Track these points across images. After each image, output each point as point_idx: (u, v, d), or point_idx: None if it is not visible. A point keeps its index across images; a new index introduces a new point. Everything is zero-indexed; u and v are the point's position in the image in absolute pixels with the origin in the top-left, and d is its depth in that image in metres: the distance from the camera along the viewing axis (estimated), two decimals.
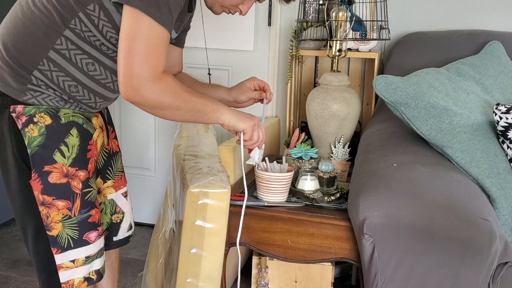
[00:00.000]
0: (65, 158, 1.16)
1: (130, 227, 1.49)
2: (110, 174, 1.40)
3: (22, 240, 2.54)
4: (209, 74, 2.19)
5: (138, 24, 1.05)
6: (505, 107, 1.42)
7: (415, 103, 1.43)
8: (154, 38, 1.07)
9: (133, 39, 1.05)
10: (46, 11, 1.11)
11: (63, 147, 1.15)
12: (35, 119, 1.13)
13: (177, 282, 1.34)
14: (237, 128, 1.30)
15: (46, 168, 1.14)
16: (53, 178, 1.15)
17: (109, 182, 1.40)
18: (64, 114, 1.17)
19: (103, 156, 1.35)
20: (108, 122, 1.37)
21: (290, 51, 2.22)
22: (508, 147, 1.44)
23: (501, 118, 1.43)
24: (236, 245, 1.52)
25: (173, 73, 1.46)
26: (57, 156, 1.15)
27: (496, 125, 1.45)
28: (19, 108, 1.12)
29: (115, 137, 1.43)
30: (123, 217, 1.45)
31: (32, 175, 1.14)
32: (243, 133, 1.31)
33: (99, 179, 1.37)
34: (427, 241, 1.12)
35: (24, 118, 1.12)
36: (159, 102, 1.12)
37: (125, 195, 1.46)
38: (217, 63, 2.47)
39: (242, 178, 1.79)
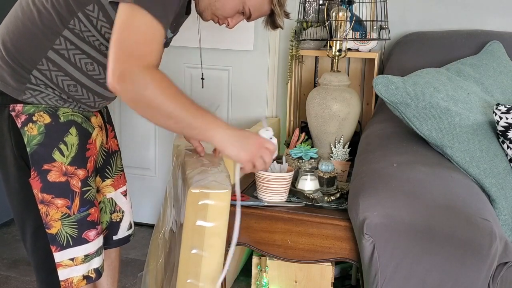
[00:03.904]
0: (64, 156, 1.16)
1: (130, 226, 1.50)
2: (109, 173, 1.40)
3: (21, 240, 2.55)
4: (202, 78, 2.18)
5: (132, 17, 1.03)
6: (505, 107, 1.42)
7: (415, 103, 1.43)
8: (147, 30, 1.04)
9: (125, 29, 1.04)
10: (45, 11, 1.11)
11: (62, 146, 1.16)
12: (34, 118, 1.13)
13: (177, 283, 1.34)
14: (230, 158, 1.19)
15: (46, 166, 1.15)
16: (52, 177, 1.15)
17: (108, 181, 1.40)
18: (63, 113, 1.17)
19: (102, 155, 1.36)
20: (107, 121, 1.38)
21: (290, 51, 2.22)
22: (508, 147, 1.44)
23: (501, 118, 1.43)
24: (236, 245, 1.52)
25: None
26: (56, 155, 1.15)
27: (496, 125, 1.45)
28: (19, 107, 1.13)
29: (114, 136, 1.43)
30: (122, 216, 1.46)
31: (32, 174, 1.14)
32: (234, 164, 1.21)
33: (98, 178, 1.37)
34: (427, 241, 1.12)
35: (23, 117, 1.13)
36: (140, 94, 1.04)
37: (124, 194, 1.46)
38: (217, 63, 2.47)
39: (241, 178, 1.79)
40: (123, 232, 1.47)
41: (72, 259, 1.20)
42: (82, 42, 1.14)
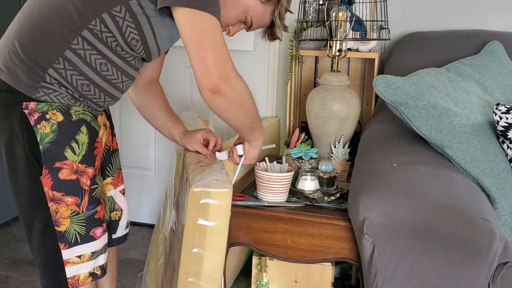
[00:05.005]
0: (75, 155, 1.18)
1: (127, 225, 1.51)
2: (110, 171, 1.41)
3: (22, 240, 2.55)
4: None
5: (201, 20, 1.11)
6: (505, 107, 1.42)
7: (415, 103, 1.43)
8: (218, 31, 1.13)
9: (205, 31, 1.11)
10: (65, 10, 1.13)
11: (73, 144, 1.17)
12: (47, 116, 1.14)
13: (178, 282, 1.34)
14: (249, 155, 1.42)
15: (57, 164, 1.16)
16: (64, 175, 1.16)
17: (109, 179, 1.41)
18: (75, 111, 1.18)
19: (104, 154, 1.37)
20: (109, 120, 1.39)
21: (290, 51, 2.22)
22: (508, 147, 1.44)
23: (501, 118, 1.43)
24: (235, 245, 1.52)
25: (152, 78, 1.52)
26: (68, 153, 1.16)
27: (496, 125, 1.45)
28: (32, 105, 1.14)
29: (114, 135, 1.45)
30: (121, 214, 1.46)
31: (43, 171, 1.15)
32: (244, 158, 1.43)
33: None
34: (427, 241, 1.13)
35: (36, 115, 1.14)
36: (241, 94, 1.19)
37: (123, 192, 1.47)
38: None
39: (241, 178, 1.79)
40: (121, 230, 1.48)
41: (79, 256, 1.22)
42: (99, 42, 1.15)
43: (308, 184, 1.58)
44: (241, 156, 1.44)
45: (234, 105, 1.19)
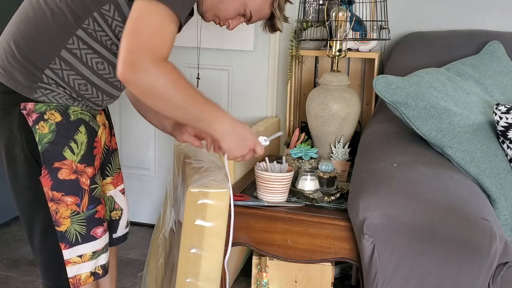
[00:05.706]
0: (74, 154, 1.18)
1: (127, 225, 1.51)
2: (110, 171, 1.41)
3: (22, 240, 2.55)
4: (197, 78, 2.17)
5: (148, 8, 1.05)
6: (505, 107, 1.42)
7: (415, 103, 1.43)
8: (163, 22, 1.06)
9: (139, 20, 1.05)
10: (59, 10, 1.13)
11: (72, 144, 1.17)
12: (45, 116, 1.15)
13: (176, 282, 1.34)
14: (222, 149, 1.25)
15: (56, 164, 1.16)
16: (63, 175, 1.17)
17: (108, 179, 1.42)
18: (73, 111, 1.19)
19: (103, 153, 1.37)
20: (108, 120, 1.39)
21: (290, 51, 2.22)
22: (508, 147, 1.44)
23: (501, 118, 1.43)
24: (235, 245, 1.52)
25: None
26: (67, 153, 1.17)
27: (496, 125, 1.45)
28: (30, 105, 1.14)
29: (114, 134, 1.45)
30: (121, 214, 1.47)
31: (42, 172, 1.15)
32: (223, 154, 1.27)
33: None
34: (427, 241, 1.12)
35: (34, 115, 1.14)
36: (151, 86, 1.06)
37: (122, 192, 1.48)
38: (217, 63, 2.47)
39: (241, 178, 1.79)
40: (121, 230, 1.48)
41: (80, 256, 1.22)
42: (94, 41, 1.15)
43: (308, 184, 1.58)
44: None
45: (150, 96, 1.08)
